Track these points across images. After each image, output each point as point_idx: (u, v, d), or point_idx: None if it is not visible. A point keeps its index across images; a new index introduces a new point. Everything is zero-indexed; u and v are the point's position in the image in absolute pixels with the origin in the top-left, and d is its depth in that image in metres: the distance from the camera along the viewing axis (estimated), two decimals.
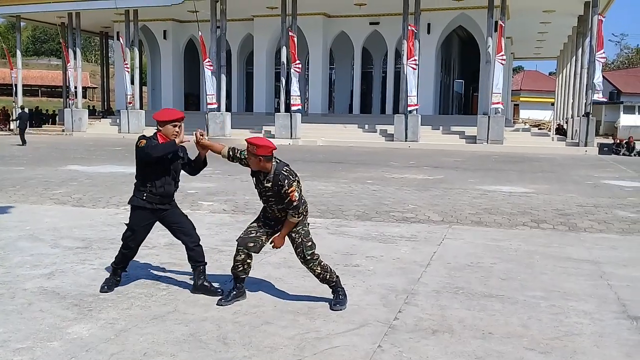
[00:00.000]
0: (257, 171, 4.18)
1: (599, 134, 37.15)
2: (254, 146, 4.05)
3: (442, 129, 26.31)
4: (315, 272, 4.29)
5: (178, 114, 4.47)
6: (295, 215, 4.15)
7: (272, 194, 4.16)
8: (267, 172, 4.13)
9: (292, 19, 25.84)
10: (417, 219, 7.99)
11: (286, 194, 4.07)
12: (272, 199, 4.19)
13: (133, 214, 4.57)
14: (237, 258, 4.28)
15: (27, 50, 69.90)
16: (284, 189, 4.06)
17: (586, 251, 6.36)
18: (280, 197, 4.11)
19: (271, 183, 4.12)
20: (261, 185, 4.20)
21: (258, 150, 4.05)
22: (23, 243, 6.20)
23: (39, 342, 3.55)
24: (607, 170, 15.70)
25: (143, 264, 5.43)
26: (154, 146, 4.29)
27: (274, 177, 4.11)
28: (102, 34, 39.19)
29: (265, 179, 4.15)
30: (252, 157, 4.11)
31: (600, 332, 3.93)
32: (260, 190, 4.25)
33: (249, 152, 4.12)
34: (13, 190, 9.88)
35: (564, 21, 29.40)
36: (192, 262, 4.60)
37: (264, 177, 4.15)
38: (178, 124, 4.42)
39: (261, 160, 4.08)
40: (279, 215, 4.26)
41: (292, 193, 4.07)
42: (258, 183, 4.23)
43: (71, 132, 30.79)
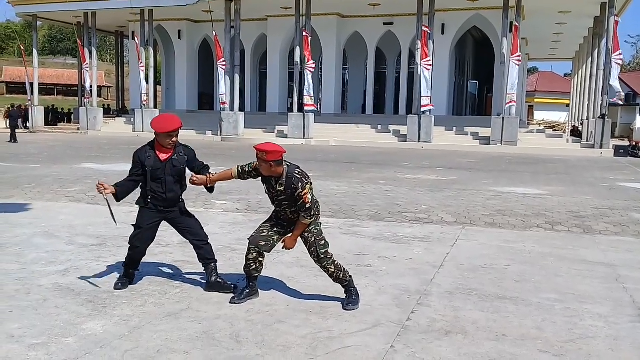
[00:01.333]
0: (269, 177, 4.17)
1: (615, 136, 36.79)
2: (264, 152, 4.04)
3: (455, 130, 26.19)
4: (329, 271, 4.29)
5: (174, 125, 4.35)
6: (308, 217, 4.15)
7: (285, 198, 4.15)
8: (278, 177, 4.12)
9: (306, 19, 25.86)
10: (430, 220, 7.96)
11: (299, 196, 4.07)
12: (285, 202, 4.19)
13: (140, 213, 4.61)
14: (249, 257, 4.30)
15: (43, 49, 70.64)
16: (298, 192, 4.06)
17: (601, 254, 6.30)
18: (294, 200, 4.11)
19: (284, 187, 4.11)
20: (273, 190, 4.19)
21: (268, 156, 4.03)
22: (38, 240, 6.27)
23: (54, 338, 3.58)
24: (623, 173, 15.54)
25: (157, 261, 5.46)
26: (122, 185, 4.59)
27: (287, 180, 4.10)
28: (117, 33, 39.50)
29: (278, 183, 4.14)
30: (262, 164, 4.10)
31: (615, 336, 3.89)
32: (272, 195, 4.25)
33: (259, 159, 4.10)
34: (29, 187, 9.99)
35: (580, 22, 29.15)
36: (202, 260, 4.62)
37: (276, 181, 4.14)
38: (173, 134, 4.37)
39: (272, 165, 4.07)
40: (292, 217, 4.26)
41: (305, 196, 4.07)
42: (270, 188, 4.22)
43: (86, 131, 31.08)
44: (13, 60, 67.92)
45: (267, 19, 31.60)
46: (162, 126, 4.35)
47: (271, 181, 4.19)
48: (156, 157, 4.42)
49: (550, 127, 41.49)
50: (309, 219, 4.16)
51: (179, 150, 4.49)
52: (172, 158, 4.44)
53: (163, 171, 4.42)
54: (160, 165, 4.41)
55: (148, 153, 4.43)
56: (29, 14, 33.95)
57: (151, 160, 4.41)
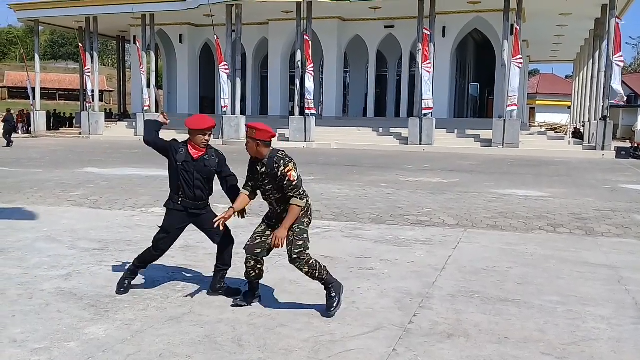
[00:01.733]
0: (253, 161, 4.12)
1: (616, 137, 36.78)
2: (253, 129, 4.00)
3: (457, 133, 26.19)
4: (303, 271, 4.14)
5: (208, 123, 4.42)
6: (298, 197, 4.00)
7: (269, 181, 4.06)
8: (261, 159, 4.07)
9: (307, 23, 25.91)
10: (432, 223, 7.96)
11: (283, 175, 3.96)
12: (269, 186, 4.08)
13: (168, 216, 4.53)
14: (248, 265, 4.26)
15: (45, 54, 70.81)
16: (280, 170, 3.96)
17: (603, 256, 6.29)
18: (277, 182, 4.01)
19: (265, 167, 4.03)
20: (257, 175, 4.12)
21: (257, 134, 3.99)
22: (41, 244, 6.28)
23: (57, 343, 3.59)
24: (625, 174, 15.52)
25: (159, 265, 5.45)
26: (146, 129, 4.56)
27: (269, 160, 4.03)
28: (119, 38, 39.59)
29: (261, 164, 4.07)
30: (250, 142, 4.04)
31: (617, 338, 3.89)
32: (257, 182, 4.17)
33: (247, 136, 4.05)
34: (31, 192, 10.01)
35: (581, 24, 29.15)
36: (221, 264, 4.59)
37: (260, 165, 4.08)
38: (207, 132, 4.42)
39: (259, 144, 4.01)
40: (279, 210, 4.16)
41: (289, 172, 3.96)
42: (254, 174, 4.16)
43: (88, 135, 31.12)
44: (15, 65, 68.12)
45: (268, 23, 31.65)
46: (197, 123, 4.41)
47: (256, 165, 4.12)
48: (188, 153, 4.42)
49: (552, 129, 41.43)
50: (299, 200, 4.00)
51: (211, 152, 4.50)
52: (204, 157, 4.44)
53: (193, 167, 4.41)
54: (190, 161, 4.41)
55: (181, 148, 4.43)
56: (30, 19, 34.08)
57: (182, 156, 4.41)
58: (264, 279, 4.66)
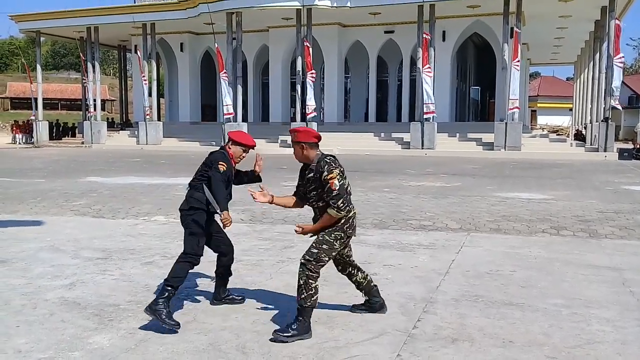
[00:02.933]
0: (304, 166, 4.03)
1: (619, 139, 36.74)
2: (295, 133, 3.92)
3: (458, 136, 26.20)
4: (299, 280, 3.87)
5: (252, 142, 4.45)
6: (335, 209, 3.79)
7: (314, 187, 3.90)
8: (310, 163, 3.94)
9: (307, 29, 25.99)
10: (435, 227, 7.95)
11: (325, 180, 3.79)
12: (313, 192, 3.92)
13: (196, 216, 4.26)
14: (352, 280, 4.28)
15: (46, 64, 71.12)
16: (324, 175, 3.80)
17: (607, 258, 6.28)
18: (321, 187, 3.84)
19: (313, 172, 3.89)
20: (304, 180, 3.99)
21: (299, 136, 3.90)
22: (44, 254, 6.29)
23: (61, 352, 3.59)
24: (628, 176, 15.50)
25: (162, 273, 5.46)
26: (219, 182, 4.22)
27: (316, 165, 3.88)
28: (120, 47, 39.76)
29: (308, 169, 3.94)
30: (295, 147, 3.95)
31: (622, 340, 3.87)
32: (304, 188, 4.02)
33: (292, 141, 3.97)
34: (34, 202, 10.03)
35: (581, 26, 29.19)
36: (226, 273, 4.55)
37: (308, 170, 3.95)
38: (249, 150, 4.44)
39: (304, 147, 3.89)
40: (317, 218, 4.01)
41: (331, 180, 3.77)
42: (301, 179, 4.05)
43: (90, 145, 31.21)
44: (17, 75, 68.40)
45: (269, 30, 31.76)
46: (245, 138, 4.43)
47: (304, 171, 4.00)
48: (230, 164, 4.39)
49: (554, 132, 41.44)
50: (335, 212, 3.80)
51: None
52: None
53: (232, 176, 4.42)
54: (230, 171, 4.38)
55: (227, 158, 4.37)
56: (32, 30, 34.24)
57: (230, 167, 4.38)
58: (266, 285, 4.67)
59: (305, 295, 3.84)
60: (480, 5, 25.52)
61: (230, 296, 4.58)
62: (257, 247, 6.67)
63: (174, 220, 8.43)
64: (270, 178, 14.14)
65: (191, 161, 20.72)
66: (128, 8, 31.02)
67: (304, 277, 3.85)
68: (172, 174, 15.00)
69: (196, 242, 4.24)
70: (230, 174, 4.34)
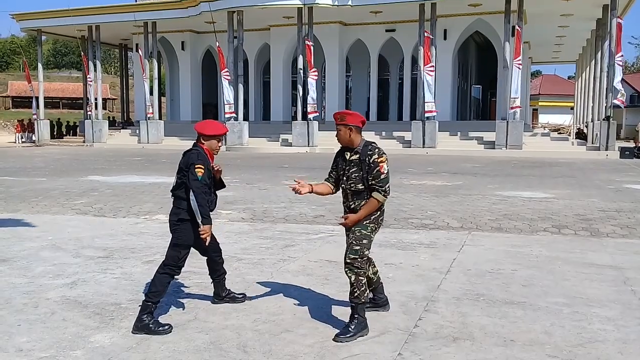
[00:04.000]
0: (342, 150, 4.01)
1: (620, 137, 36.74)
2: (344, 115, 3.87)
3: (460, 135, 26.19)
4: (350, 279, 3.88)
5: (224, 129, 4.25)
6: (382, 193, 3.84)
7: (356, 170, 3.89)
8: (353, 147, 3.93)
9: (309, 28, 25.98)
10: (436, 226, 7.95)
11: (375, 163, 3.82)
12: (355, 175, 3.90)
13: (186, 229, 4.11)
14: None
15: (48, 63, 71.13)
16: (374, 158, 3.83)
17: (609, 257, 6.27)
18: (365, 172, 3.85)
19: (359, 155, 3.89)
20: (345, 163, 3.96)
21: (348, 119, 3.87)
22: (45, 253, 6.29)
23: (62, 351, 3.59)
24: (629, 175, 15.48)
25: None
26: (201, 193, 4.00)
27: (363, 148, 3.90)
28: (121, 46, 39.77)
29: (353, 152, 3.93)
30: (342, 129, 3.90)
31: (624, 339, 3.87)
32: (341, 170, 4.00)
33: (338, 125, 3.91)
34: (35, 201, 10.04)
35: (582, 25, 29.15)
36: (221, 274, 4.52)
37: (351, 152, 3.94)
38: (222, 138, 4.26)
39: (351, 130, 3.87)
40: (352, 204, 3.96)
41: (382, 163, 3.82)
42: (341, 162, 4.00)
43: (92, 143, 31.24)
44: (18, 74, 68.41)
45: (270, 29, 31.75)
46: (213, 128, 4.16)
47: (345, 154, 3.98)
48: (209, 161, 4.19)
49: (555, 130, 41.40)
50: (382, 195, 3.84)
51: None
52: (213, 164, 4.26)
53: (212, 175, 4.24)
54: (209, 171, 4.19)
55: (204, 156, 4.13)
56: (33, 29, 34.27)
57: (208, 164, 4.17)
58: (267, 284, 4.67)
59: (358, 293, 3.87)
60: (482, 3, 25.50)
61: (231, 294, 4.58)
62: (258, 245, 6.68)
63: None
64: (271, 177, 14.14)
65: None
66: (129, 7, 31.02)
67: (353, 276, 3.86)
68: (173, 173, 14.95)
69: (178, 254, 4.09)
70: (210, 175, 4.15)
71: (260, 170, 15.98)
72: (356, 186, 3.93)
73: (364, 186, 3.90)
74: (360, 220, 3.89)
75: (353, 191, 3.96)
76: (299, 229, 7.75)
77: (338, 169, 4.07)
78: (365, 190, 3.91)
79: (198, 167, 4.00)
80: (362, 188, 3.91)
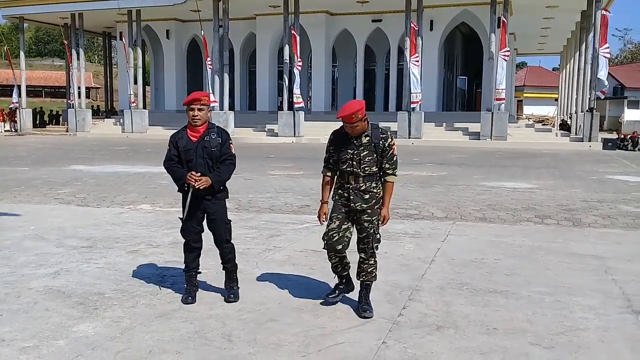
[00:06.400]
0: (347, 137, 4.05)
1: (603, 129, 37.07)
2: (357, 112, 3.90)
3: (445, 126, 26.27)
4: (370, 266, 4.12)
5: (193, 96, 4.24)
6: (395, 175, 4.10)
7: (368, 153, 4.00)
8: (363, 132, 4.03)
9: (295, 17, 25.82)
10: (421, 216, 7.99)
11: (390, 147, 4.03)
12: (368, 158, 4.00)
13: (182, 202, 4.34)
14: (332, 262, 4.21)
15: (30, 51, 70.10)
16: (388, 142, 4.03)
17: (591, 246, 6.35)
18: (380, 153, 4.00)
19: (370, 137, 4.01)
20: (354, 149, 4.01)
21: (362, 112, 3.95)
22: (28, 243, 6.23)
23: (45, 341, 3.57)
24: (612, 166, 15.66)
25: (147, 262, 5.45)
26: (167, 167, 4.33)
27: (373, 131, 4.04)
28: (105, 34, 39.24)
29: (363, 136, 4.02)
30: (358, 124, 3.95)
31: (605, 327, 3.93)
32: (348, 155, 4.03)
33: (353, 122, 3.93)
34: (18, 190, 9.92)
35: (567, 17, 29.29)
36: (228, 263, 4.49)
37: (360, 137, 4.02)
38: (194, 106, 4.20)
39: (366, 120, 4.01)
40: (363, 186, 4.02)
41: (394, 146, 4.07)
42: (349, 149, 4.03)
43: (75, 133, 30.86)
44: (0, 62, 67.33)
45: (256, 18, 31.51)
46: (187, 98, 4.26)
47: (352, 141, 4.03)
48: (188, 138, 4.27)
49: (539, 122, 41.68)
50: (396, 177, 4.11)
51: (212, 132, 4.28)
52: (204, 139, 4.25)
53: (194, 152, 4.23)
54: (191, 146, 4.24)
55: (181, 134, 4.30)
56: (15, 16, 33.65)
57: (183, 141, 4.25)
58: (252, 274, 4.66)
59: (375, 272, 4.20)
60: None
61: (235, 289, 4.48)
62: (243, 235, 6.66)
63: (160, 209, 8.39)
64: (256, 167, 14.10)
65: None
66: None
67: (372, 260, 4.15)
68: (158, 163, 14.82)
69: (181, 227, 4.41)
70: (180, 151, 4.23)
71: (245, 161, 15.90)
72: (371, 169, 4.05)
73: (377, 168, 4.05)
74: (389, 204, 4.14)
75: (366, 174, 4.04)
76: (285, 218, 7.75)
77: (339, 154, 4.08)
78: (377, 173, 4.07)
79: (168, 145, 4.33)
80: (376, 170, 4.06)
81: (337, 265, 4.22)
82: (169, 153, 4.30)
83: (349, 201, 4.07)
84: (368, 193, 4.05)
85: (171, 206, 8.46)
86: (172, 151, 4.29)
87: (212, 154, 4.25)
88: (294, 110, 25.84)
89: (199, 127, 4.27)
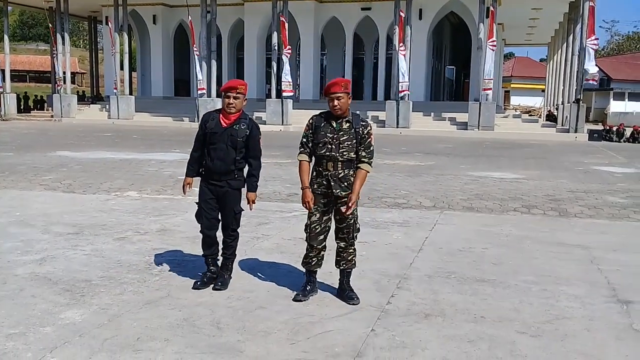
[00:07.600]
0: (328, 118, 4.02)
1: (589, 120, 37.35)
2: (347, 83, 3.93)
3: (433, 116, 26.32)
4: (349, 254, 4.18)
5: (230, 83, 4.26)
6: (370, 164, 4.02)
7: (348, 138, 3.97)
8: (341, 116, 3.99)
9: (283, 4, 25.65)
10: (409, 205, 8.01)
11: (368, 134, 4.00)
12: (347, 143, 3.96)
13: (199, 187, 4.40)
14: (311, 254, 4.18)
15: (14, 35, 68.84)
16: (367, 130, 4.00)
17: (576, 236, 6.41)
18: (358, 140, 3.96)
19: (350, 123, 3.99)
20: (334, 133, 3.98)
21: (349, 86, 3.94)
22: (13, 229, 6.16)
23: (32, 328, 3.54)
24: (597, 157, 15.80)
25: (135, 249, 5.41)
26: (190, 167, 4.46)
27: (354, 117, 4.02)
28: (90, 18, 38.71)
29: (343, 121, 3.99)
30: (344, 97, 3.93)
31: (590, 316, 3.97)
32: (327, 139, 3.99)
33: (336, 96, 3.91)
34: (2, 176, 9.80)
35: (555, 7, 29.35)
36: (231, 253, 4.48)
37: (340, 121, 3.99)
38: (230, 94, 4.21)
39: (350, 97, 3.98)
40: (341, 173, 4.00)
41: (372, 135, 4.02)
42: (329, 132, 3.99)
43: (60, 118, 30.49)
44: None
45: (244, 4, 31.24)
46: (224, 86, 4.27)
47: (332, 124, 4.01)
48: (219, 122, 4.26)
49: (526, 112, 41.93)
50: (369, 166, 4.02)
51: (243, 122, 4.28)
52: (233, 127, 4.24)
53: (220, 137, 4.23)
54: (219, 130, 4.23)
55: (213, 115, 4.30)
56: None
57: (213, 123, 4.26)
58: (240, 262, 4.65)
59: (355, 260, 4.26)
60: None
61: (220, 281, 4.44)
62: None
63: (147, 196, 8.34)
64: None
65: (164, 136, 20.43)
66: None
67: (352, 249, 4.21)
68: (145, 149, 14.77)
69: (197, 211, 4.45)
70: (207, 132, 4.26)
71: None
72: (349, 154, 4.01)
73: (355, 155, 4.01)
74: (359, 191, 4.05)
75: (344, 159, 4.01)
76: (273, 206, 7.73)
77: (318, 137, 4.04)
78: (354, 159, 4.02)
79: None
80: (353, 157, 4.02)
81: (313, 258, 4.19)
82: (199, 133, 4.35)
83: (329, 188, 4.03)
84: (346, 181, 4.03)
85: (158, 193, 8.41)
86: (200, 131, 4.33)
87: (236, 143, 4.25)
88: (282, 98, 25.74)
89: (232, 115, 4.27)
